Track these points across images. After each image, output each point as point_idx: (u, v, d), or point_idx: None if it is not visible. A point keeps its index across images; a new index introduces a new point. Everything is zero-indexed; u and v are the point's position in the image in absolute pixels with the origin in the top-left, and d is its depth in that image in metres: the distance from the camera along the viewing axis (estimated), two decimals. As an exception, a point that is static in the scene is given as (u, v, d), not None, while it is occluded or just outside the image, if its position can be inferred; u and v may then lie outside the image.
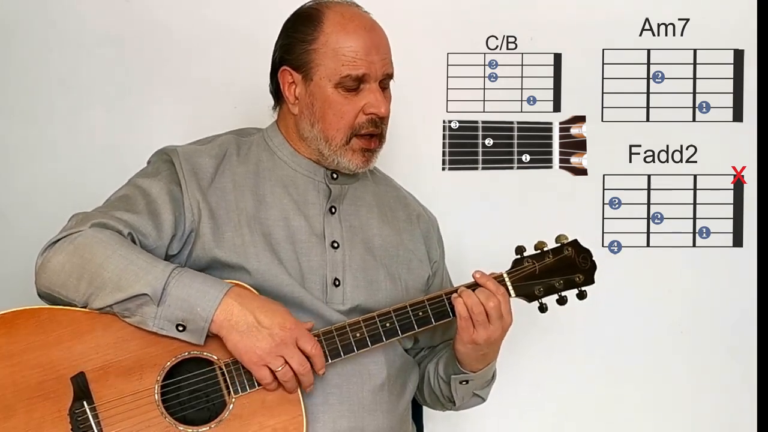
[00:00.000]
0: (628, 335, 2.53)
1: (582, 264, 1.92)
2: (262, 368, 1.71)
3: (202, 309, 1.70)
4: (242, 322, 1.71)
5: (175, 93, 2.54)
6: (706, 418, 2.53)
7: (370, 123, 1.90)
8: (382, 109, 1.89)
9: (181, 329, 1.71)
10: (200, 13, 2.54)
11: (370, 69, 1.88)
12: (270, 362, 1.71)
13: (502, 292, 1.85)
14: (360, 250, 1.94)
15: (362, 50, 1.87)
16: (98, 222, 1.78)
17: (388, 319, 1.83)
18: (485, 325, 1.83)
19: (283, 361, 1.72)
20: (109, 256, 1.72)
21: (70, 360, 1.70)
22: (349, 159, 1.91)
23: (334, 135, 1.90)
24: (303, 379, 1.74)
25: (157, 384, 1.72)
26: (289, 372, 1.72)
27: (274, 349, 1.71)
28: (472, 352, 1.89)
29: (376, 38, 1.91)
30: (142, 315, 1.71)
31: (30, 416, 1.68)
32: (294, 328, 1.73)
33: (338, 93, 1.88)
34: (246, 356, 1.71)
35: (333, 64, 1.87)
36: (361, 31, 1.89)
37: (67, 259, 1.74)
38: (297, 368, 1.72)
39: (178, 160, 1.89)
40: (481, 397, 2.04)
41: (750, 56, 2.52)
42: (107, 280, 1.71)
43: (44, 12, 2.53)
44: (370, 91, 1.89)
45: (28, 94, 2.54)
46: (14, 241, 2.54)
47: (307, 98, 1.91)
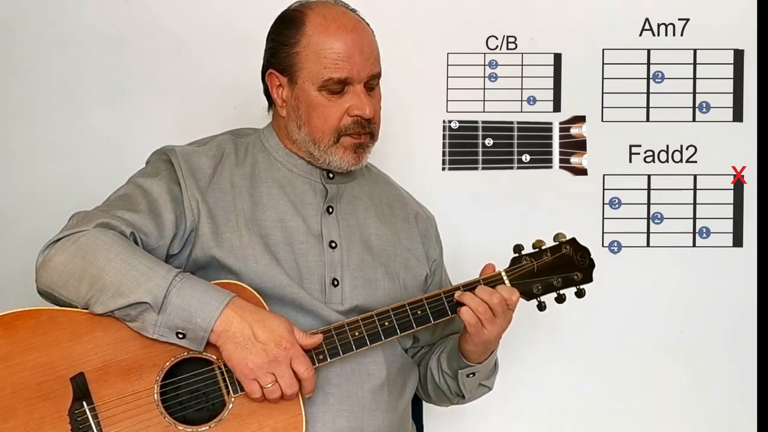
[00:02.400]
0: (627, 335, 2.53)
1: (580, 262, 1.92)
2: (252, 382, 1.71)
3: (202, 319, 1.70)
4: (239, 334, 1.70)
5: (174, 93, 2.54)
6: (706, 418, 2.53)
7: (356, 125, 1.89)
8: (367, 111, 1.88)
9: (181, 336, 1.71)
10: (200, 13, 2.54)
11: (352, 72, 1.86)
12: (260, 377, 1.70)
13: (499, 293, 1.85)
14: (358, 250, 1.94)
15: (344, 52, 1.86)
16: (101, 222, 1.78)
17: (387, 318, 1.83)
18: (492, 321, 1.84)
19: (273, 379, 1.71)
20: (111, 260, 1.72)
21: (69, 360, 1.70)
22: (340, 157, 1.91)
23: (320, 137, 1.90)
24: (287, 393, 1.72)
25: (156, 384, 1.71)
26: (278, 390, 1.71)
27: (265, 365, 1.70)
28: (481, 348, 1.90)
29: (359, 39, 1.89)
30: (143, 321, 1.71)
31: (30, 417, 1.68)
32: (290, 347, 1.72)
33: (322, 96, 1.88)
34: (238, 368, 1.71)
35: (315, 67, 1.86)
36: (343, 32, 1.87)
37: (68, 259, 1.74)
38: (285, 389, 1.71)
39: (176, 160, 1.89)
40: (487, 386, 2.05)
41: (750, 56, 2.52)
42: (108, 285, 1.70)
43: (44, 12, 2.54)
44: (355, 93, 1.88)
45: (28, 94, 2.54)
46: (14, 241, 2.54)
47: (293, 101, 1.91)
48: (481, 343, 1.88)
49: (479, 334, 1.85)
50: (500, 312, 1.83)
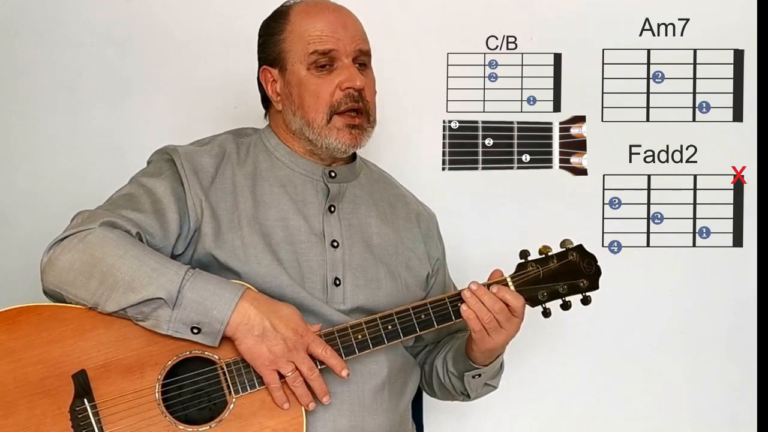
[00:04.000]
0: (627, 335, 2.53)
1: (587, 269, 1.91)
2: (272, 373, 1.72)
3: (218, 312, 1.70)
4: (258, 326, 1.71)
5: (174, 92, 2.54)
6: (706, 417, 2.53)
7: (348, 98, 1.90)
8: (357, 82, 1.89)
9: (196, 331, 1.71)
10: (200, 13, 2.54)
11: (338, 45, 1.89)
12: (281, 367, 1.72)
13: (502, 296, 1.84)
14: (360, 249, 1.94)
15: (328, 28, 1.90)
16: (107, 221, 1.77)
17: (390, 322, 1.83)
18: (497, 330, 1.83)
19: (294, 367, 1.72)
20: (121, 256, 1.71)
21: (71, 357, 1.70)
22: (335, 138, 1.91)
23: (314, 117, 1.90)
24: (313, 384, 1.74)
25: (158, 383, 1.71)
26: (299, 377, 1.73)
27: (286, 354, 1.72)
28: (487, 354, 1.91)
29: (342, 17, 1.93)
30: (157, 318, 1.70)
31: (31, 413, 1.68)
32: (306, 334, 1.74)
33: (311, 74, 1.90)
34: (259, 360, 1.71)
35: (301, 47, 1.90)
36: (325, 12, 1.93)
37: (76, 257, 1.73)
38: (306, 373, 1.73)
39: (179, 159, 1.88)
40: (492, 385, 2.05)
41: (750, 56, 2.53)
42: (119, 281, 1.70)
43: (44, 12, 2.54)
44: (344, 67, 1.90)
45: (29, 94, 2.54)
46: (14, 241, 2.54)
47: (286, 89, 1.93)
48: (487, 351, 1.88)
49: (484, 342, 1.85)
50: (504, 319, 1.83)
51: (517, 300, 1.83)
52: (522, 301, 1.84)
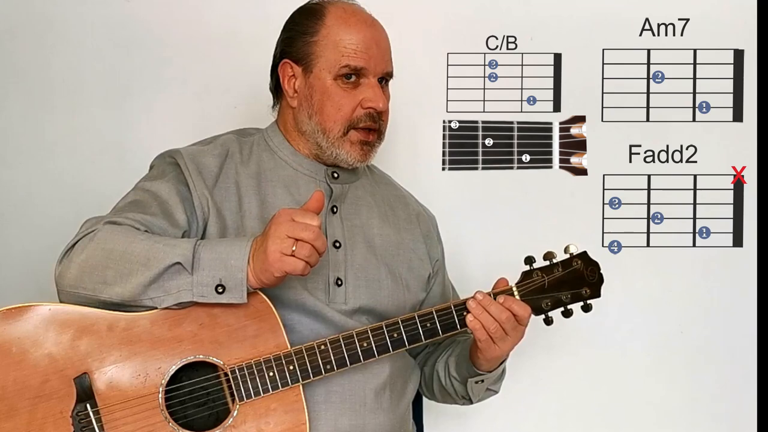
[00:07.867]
0: (627, 335, 2.54)
1: (590, 277, 1.90)
2: (286, 259, 1.66)
3: (236, 260, 1.69)
4: (260, 249, 1.68)
5: (175, 93, 2.54)
6: (706, 418, 2.53)
7: (367, 117, 1.91)
8: (380, 104, 1.90)
9: (221, 290, 1.69)
10: (200, 13, 2.54)
11: (369, 63, 1.89)
12: (284, 249, 1.66)
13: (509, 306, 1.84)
14: (361, 250, 1.94)
15: (363, 44, 1.89)
16: (112, 220, 1.78)
17: (396, 330, 1.82)
18: (504, 338, 1.84)
19: (293, 240, 1.66)
20: (132, 242, 1.71)
21: (74, 360, 1.69)
22: (347, 151, 1.91)
23: (331, 127, 1.90)
24: (316, 243, 1.68)
25: (161, 387, 1.71)
26: (305, 245, 1.67)
27: (278, 239, 1.66)
28: (492, 362, 1.91)
29: (377, 35, 1.93)
30: (178, 289, 1.69)
31: (32, 416, 1.67)
32: (283, 213, 1.69)
33: (337, 85, 1.90)
34: (272, 266, 1.67)
35: (333, 56, 1.89)
36: (363, 25, 1.91)
37: (90, 254, 1.72)
38: (303, 236, 1.66)
39: (182, 161, 1.88)
40: (494, 390, 2.04)
41: (750, 56, 2.52)
42: (134, 263, 1.69)
43: (45, 12, 2.53)
44: (369, 85, 1.91)
45: (29, 94, 2.54)
46: (14, 241, 2.53)
47: (307, 90, 1.92)
48: (492, 358, 1.89)
49: (490, 350, 1.85)
50: (510, 328, 1.83)
51: (524, 310, 1.83)
52: (529, 311, 1.84)
